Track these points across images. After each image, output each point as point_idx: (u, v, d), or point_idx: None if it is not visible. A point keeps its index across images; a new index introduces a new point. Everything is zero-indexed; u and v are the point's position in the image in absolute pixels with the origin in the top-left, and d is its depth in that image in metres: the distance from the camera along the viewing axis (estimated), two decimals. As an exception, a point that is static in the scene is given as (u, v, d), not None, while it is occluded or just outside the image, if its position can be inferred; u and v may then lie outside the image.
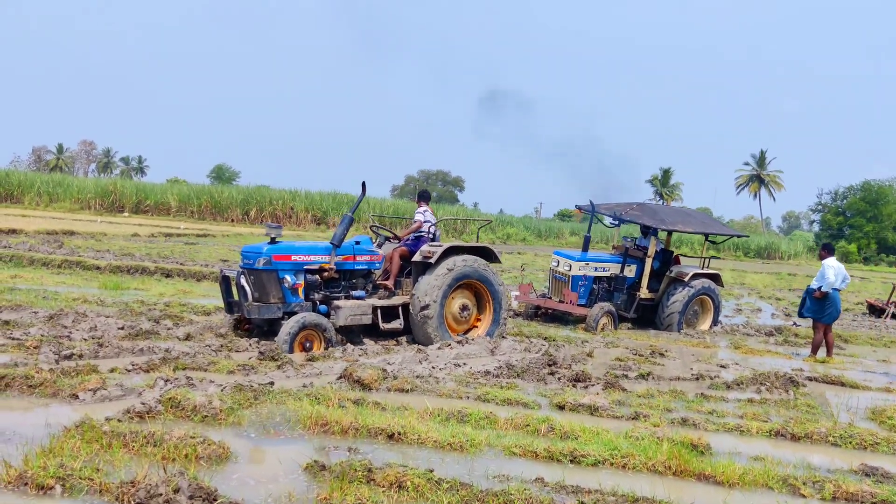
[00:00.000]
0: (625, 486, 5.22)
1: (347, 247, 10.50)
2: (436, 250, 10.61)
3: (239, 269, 9.97)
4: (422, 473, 5.02)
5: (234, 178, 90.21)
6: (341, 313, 9.92)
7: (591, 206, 15.11)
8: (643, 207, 15.43)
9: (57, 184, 49.95)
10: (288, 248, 9.99)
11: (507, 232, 55.11)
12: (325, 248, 10.29)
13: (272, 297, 9.78)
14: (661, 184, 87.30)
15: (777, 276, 34.84)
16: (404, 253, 11.16)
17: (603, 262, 14.95)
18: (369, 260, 10.73)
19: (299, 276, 9.94)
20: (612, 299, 14.72)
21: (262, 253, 9.77)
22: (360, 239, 10.85)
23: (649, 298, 14.83)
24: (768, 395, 8.84)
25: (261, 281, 9.76)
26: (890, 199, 62.99)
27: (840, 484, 5.45)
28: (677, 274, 14.68)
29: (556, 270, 14.91)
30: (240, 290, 9.80)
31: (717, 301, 15.00)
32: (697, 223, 15.52)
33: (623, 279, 14.84)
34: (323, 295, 10.20)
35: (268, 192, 51.46)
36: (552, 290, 15.06)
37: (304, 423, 6.12)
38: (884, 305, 19.67)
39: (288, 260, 9.86)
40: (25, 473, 4.55)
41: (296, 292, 9.88)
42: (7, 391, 6.52)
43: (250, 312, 9.68)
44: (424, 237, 11.47)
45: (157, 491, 4.42)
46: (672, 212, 16.28)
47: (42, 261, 16.97)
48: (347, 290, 10.49)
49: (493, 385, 8.19)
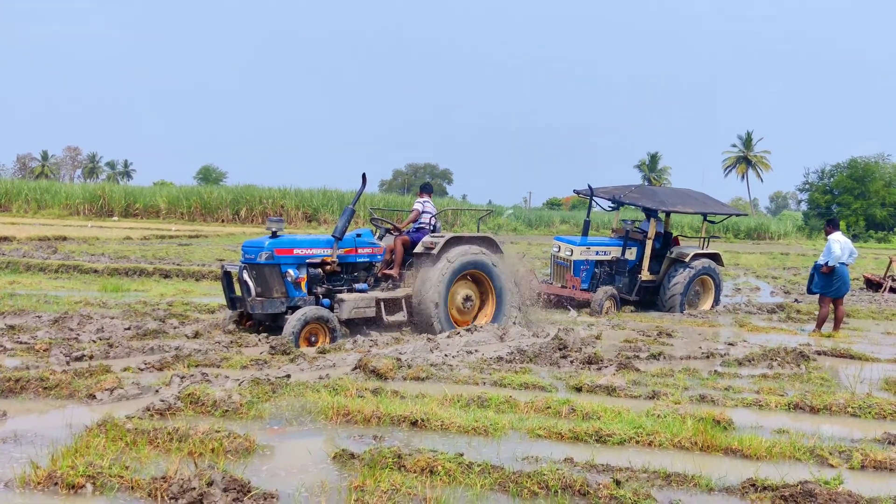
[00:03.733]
0: (654, 462, 5.22)
1: (349, 239, 10.43)
2: (438, 241, 10.55)
3: (241, 264, 9.86)
4: (452, 458, 4.99)
5: (221, 179, 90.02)
6: (345, 306, 9.87)
7: (590, 190, 15.09)
8: (642, 190, 15.44)
9: (44, 190, 49.65)
10: (290, 241, 9.92)
11: (497, 222, 55.15)
12: (327, 241, 10.21)
13: (275, 291, 9.68)
14: (648, 169, 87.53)
15: (770, 256, 35.01)
16: (406, 241, 11.05)
17: (604, 245, 14.95)
18: (371, 252, 10.69)
19: (302, 270, 9.83)
20: (613, 282, 14.70)
21: (263, 247, 9.66)
22: (361, 231, 10.78)
23: (650, 280, 14.84)
24: (780, 369, 8.86)
25: (263, 275, 9.67)
26: (876, 176, 63.33)
27: (868, 452, 5.46)
28: (678, 255, 14.70)
29: (557, 256, 14.89)
30: (242, 286, 9.73)
31: (717, 280, 15.02)
32: (697, 203, 15.51)
33: (624, 262, 14.83)
34: (326, 288, 10.13)
35: (257, 191, 51.22)
36: (554, 275, 15.05)
37: (325, 413, 6.08)
38: (881, 280, 19.77)
39: (290, 254, 9.77)
40: (55, 473, 4.50)
41: (299, 286, 9.77)
42: (23, 394, 6.45)
43: (254, 308, 9.60)
44: (426, 228, 11.39)
45: (190, 485, 4.38)
46: (671, 193, 16.27)
47: (38, 266, 16.83)
48: (350, 283, 10.43)
49: (508, 370, 8.17)
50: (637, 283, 14.69)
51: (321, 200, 50.30)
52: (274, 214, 49.40)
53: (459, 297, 10.81)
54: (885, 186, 62.98)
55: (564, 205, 76.89)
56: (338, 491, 4.58)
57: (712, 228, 17.72)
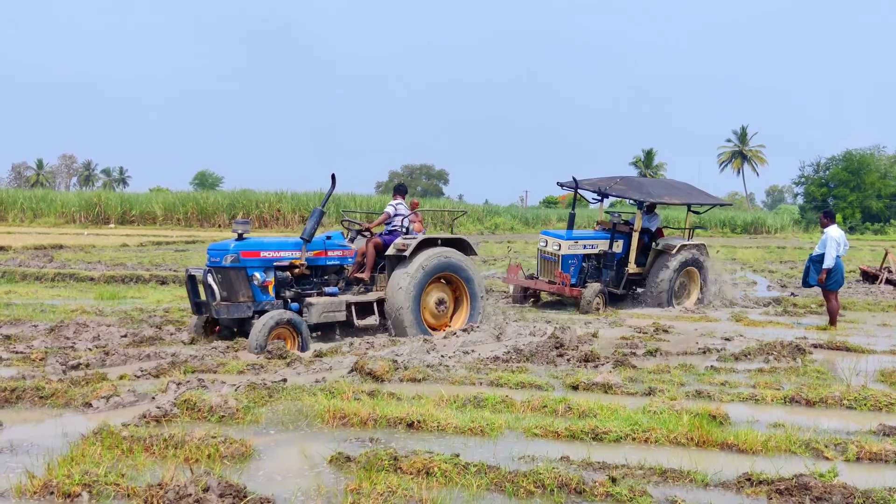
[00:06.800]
0: (650, 459, 5.23)
1: (318, 242, 10.20)
2: (410, 243, 10.31)
3: (206, 267, 9.63)
4: (448, 459, 5.00)
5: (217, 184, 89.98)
6: (314, 310, 9.63)
7: (575, 182, 14.90)
8: (628, 181, 15.20)
9: (40, 199, 49.62)
10: (256, 244, 9.66)
11: (494, 222, 55.21)
12: (295, 243, 9.95)
13: (241, 295, 9.44)
14: (644, 165, 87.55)
15: (767, 250, 35.03)
16: (378, 244, 10.76)
17: (591, 239, 14.72)
18: (341, 255, 10.46)
19: (269, 273, 9.60)
20: (601, 277, 14.49)
21: (229, 250, 9.41)
22: (331, 234, 10.56)
23: (637, 273, 14.74)
24: (777, 363, 8.88)
25: (229, 279, 9.42)
26: (872, 168, 63.49)
27: (863, 444, 5.48)
28: (664, 247, 14.57)
29: (544, 251, 14.60)
30: (207, 290, 9.42)
31: (704, 272, 14.93)
32: (682, 194, 15.51)
33: (612, 255, 14.57)
34: (294, 292, 9.91)
35: (253, 195, 51.25)
36: (541, 270, 14.75)
37: (322, 416, 6.09)
38: (877, 272, 19.79)
39: (256, 256, 9.52)
40: (51, 482, 4.50)
41: (266, 290, 9.54)
42: (18, 403, 6.45)
43: (218, 312, 9.34)
44: (398, 231, 11.12)
45: (186, 491, 4.38)
46: (657, 184, 16.15)
47: (34, 275, 16.81)
48: (320, 286, 10.20)
49: (504, 370, 8.18)
50: (624, 276, 14.57)
51: (317, 203, 50.30)
52: (271, 218, 49.46)
53: (433, 301, 10.60)
54: (881, 178, 63.19)
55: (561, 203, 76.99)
56: (334, 494, 4.58)
57: (698, 220, 17.66)
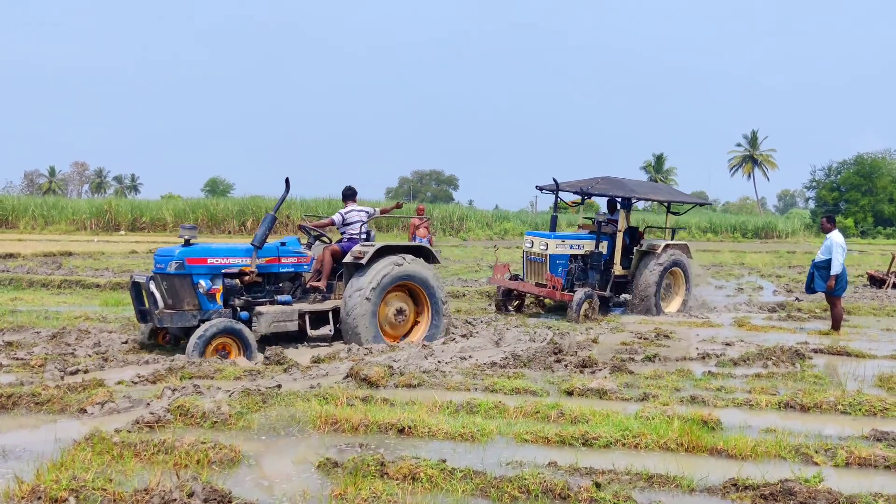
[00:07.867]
0: (637, 464, 5.24)
1: (271, 248, 9.88)
2: (367, 250, 9.96)
3: (151, 274, 9.39)
4: (434, 464, 5.02)
5: (228, 190, 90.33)
6: (263, 320, 9.32)
7: (555, 184, 14.64)
8: (610, 181, 14.93)
9: (51, 206, 49.96)
10: (203, 250, 9.33)
11: (503, 227, 55.26)
12: (246, 250, 9.64)
13: (186, 303, 9.13)
14: (654, 170, 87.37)
15: (776, 255, 34.91)
16: (336, 252, 10.45)
17: (578, 239, 14.47)
18: (296, 262, 10.10)
19: (216, 281, 9.30)
20: (587, 278, 14.19)
21: (173, 256, 9.10)
22: (285, 240, 10.25)
23: (622, 275, 14.60)
24: (775, 368, 8.85)
25: (173, 286, 9.13)
26: (884, 172, 63.13)
27: (852, 449, 5.46)
28: (648, 247, 14.43)
29: (530, 252, 14.26)
30: (149, 297, 9.16)
31: (688, 273, 14.80)
32: (664, 193, 15.61)
33: (599, 255, 14.29)
34: (244, 300, 9.59)
35: (263, 201, 51.44)
36: (527, 272, 14.41)
37: (313, 422, 6.12)
38: (884, 276, 19.69)
39: (203, 263, 9.21)
40: (38, 488, 4.54)
41: (213, 298, 9.24)
42: (14, 409, 6.51)
43: (161, 321, 9.02)
44: (357, 238, 10.77)
45: (171, 497, 4.42)
46: (639, 183, 16.01)
47: (41, 282, 16.93)
48: (272, 294, 9.89)
49: (501, 375, 8.18)
50: (611, 278, 14.40)
51: (326, 209, 50.42)
52: (280, 224, 49.59)
53: (391, 310, 10.19)
54: (893, 182, 62.80)
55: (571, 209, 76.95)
56: (319, 500, 4.61)
57: (676, 222, 17.54)
